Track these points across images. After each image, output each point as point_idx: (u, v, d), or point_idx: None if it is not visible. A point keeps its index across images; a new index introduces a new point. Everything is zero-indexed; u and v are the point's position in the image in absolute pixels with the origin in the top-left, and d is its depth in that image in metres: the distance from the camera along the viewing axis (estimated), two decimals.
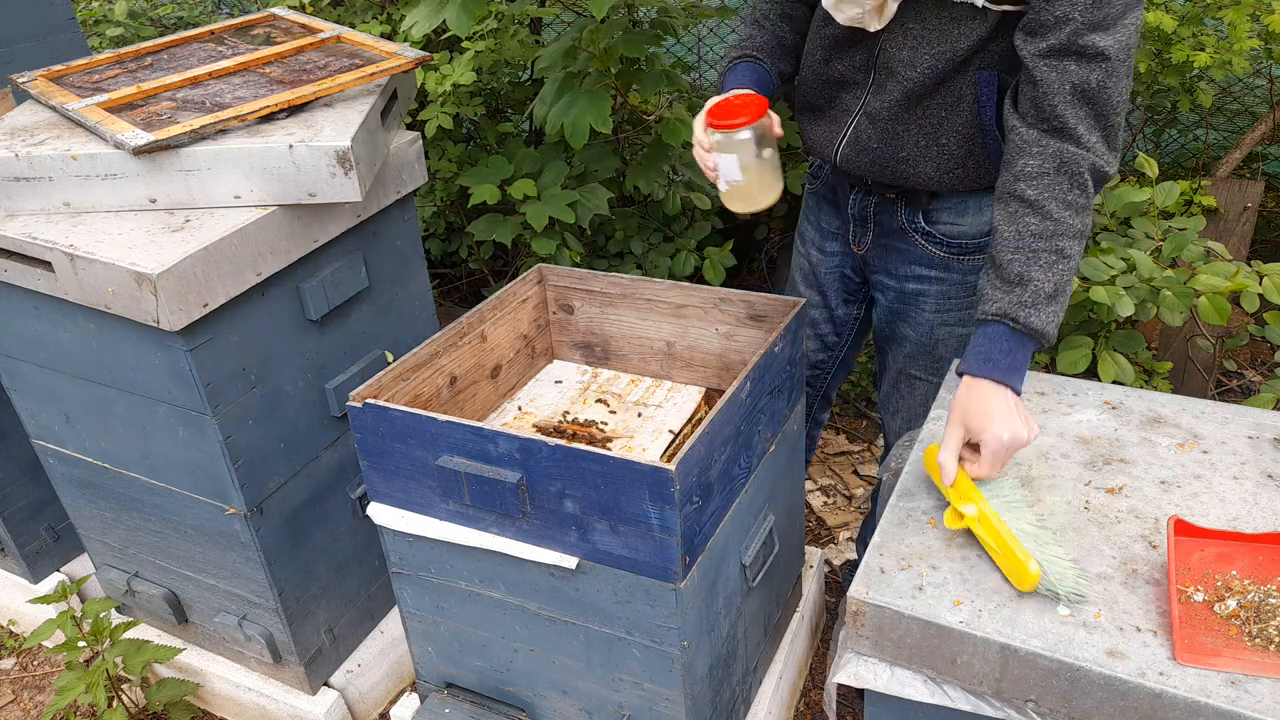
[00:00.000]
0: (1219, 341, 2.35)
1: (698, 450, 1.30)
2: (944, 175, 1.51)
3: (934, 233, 1.60)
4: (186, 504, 1.75)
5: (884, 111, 1.50)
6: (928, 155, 1.50)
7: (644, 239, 2.76)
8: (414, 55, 1.84)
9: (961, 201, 1.56)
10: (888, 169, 1.54)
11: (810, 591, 2.04)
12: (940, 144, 1.48)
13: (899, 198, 1.61)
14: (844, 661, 1.19)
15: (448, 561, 1.53)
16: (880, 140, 1.52)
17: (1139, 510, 1.26)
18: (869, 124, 1.53)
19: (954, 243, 1.59)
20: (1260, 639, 1.05)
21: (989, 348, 1.30)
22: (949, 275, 1.62)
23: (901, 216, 1.62)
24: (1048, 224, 1.29)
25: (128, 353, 1.58)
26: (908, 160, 1.52)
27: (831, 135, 1.60)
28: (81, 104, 1.68)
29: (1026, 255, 1.30)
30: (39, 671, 2.29)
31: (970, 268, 1.61)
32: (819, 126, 1.64)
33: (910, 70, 1.44)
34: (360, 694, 2.00)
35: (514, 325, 1.86)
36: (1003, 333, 1.30)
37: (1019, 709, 1.10)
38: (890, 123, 1.50)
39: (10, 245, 1.56)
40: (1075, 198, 1.30)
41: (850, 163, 1.58)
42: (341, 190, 1.58)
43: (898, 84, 1.46)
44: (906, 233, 1.62)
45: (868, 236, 1.69)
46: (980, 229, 1.57)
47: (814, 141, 1.66)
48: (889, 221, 1.64)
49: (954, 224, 1.58)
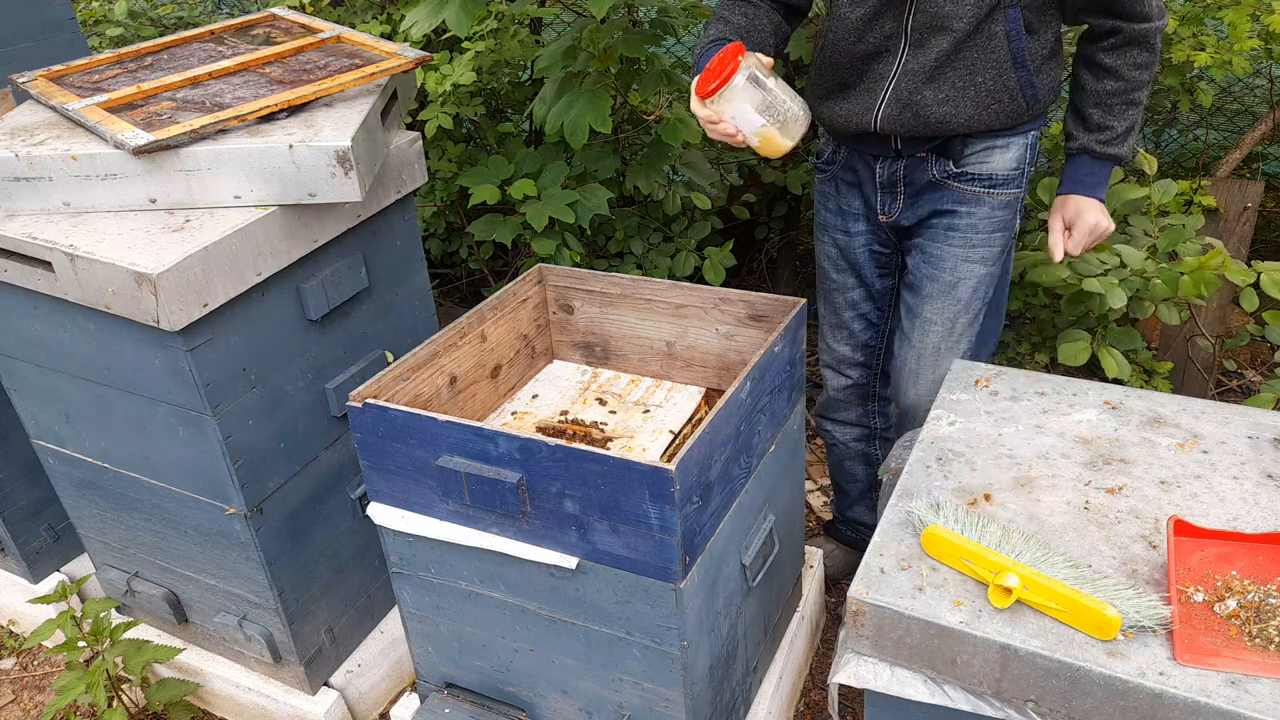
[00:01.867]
0: (1219, 341, 2.35)
1: (698, 450, 1.30)
2: (981, 113, 1.64)
3: (965, 172, 1.72)
4: (186, 504, 1.75)
5: (926, 66, 1.61)
6: (966, 96, 1.63)
7: (644, 239, 2.75)
8: (414, 55, 1.84)
9: (989, 144, 1.70)
10: (930, 119, 1.65)
11: (810, 591, 2.04)
12: (977, 84, 1.62)
13: (929, 153, 1.72)
14: (844, 661, 1.19)
15: (448, 561, 1.53)
16: (923, 92, 1.64)
17: (1139, 510, 1.26)
18: (910, 81, 1.64)
19: (985, 178, 1.72)
20: (1260, 639, 1.05)
21: (1076, 173, 1.71)
22: (978, 209, 1.74)
23: (933, 170, 1.74)
24: (1121, 84, 1.63)
25: (128, 353, 1.58)
26: (950, 103, 1.63)
27: (867, 105, 1.69)
28: (81, 104, 1.68)
29: (1104, 109, 1.65)
30: (39, 671, 2.29)
31: (1000, 202, 1.74)
32: (847, 103, 1.72)
33: (956, 21, 1.56)
34: (360, 694, 2.00)
35: (514, 325, 1.86)
36: (1086, 161, 1.69)
37: (1019, 709, 1.10)
38: (933, 73, 1.62)
39: (10, 245, 1.56)
40: (1146, 59, 1.62)
41: (893, 123, 1.67)
42: (341, 190, 1.58)
43: (944, 37, 1.58)
44: (938, 183, 1.74)
45: (898, 201, 1.80)
46: (1007, 165, 1.72)
47: (843, 117, 1.73)
48: (920, 177, 1.75)
49: (984, 163, 1.71)
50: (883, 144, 1.75)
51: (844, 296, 1.98)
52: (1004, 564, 1.14)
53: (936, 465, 1.38)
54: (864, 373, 2.06)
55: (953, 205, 1.75)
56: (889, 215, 1.82)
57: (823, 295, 2.03)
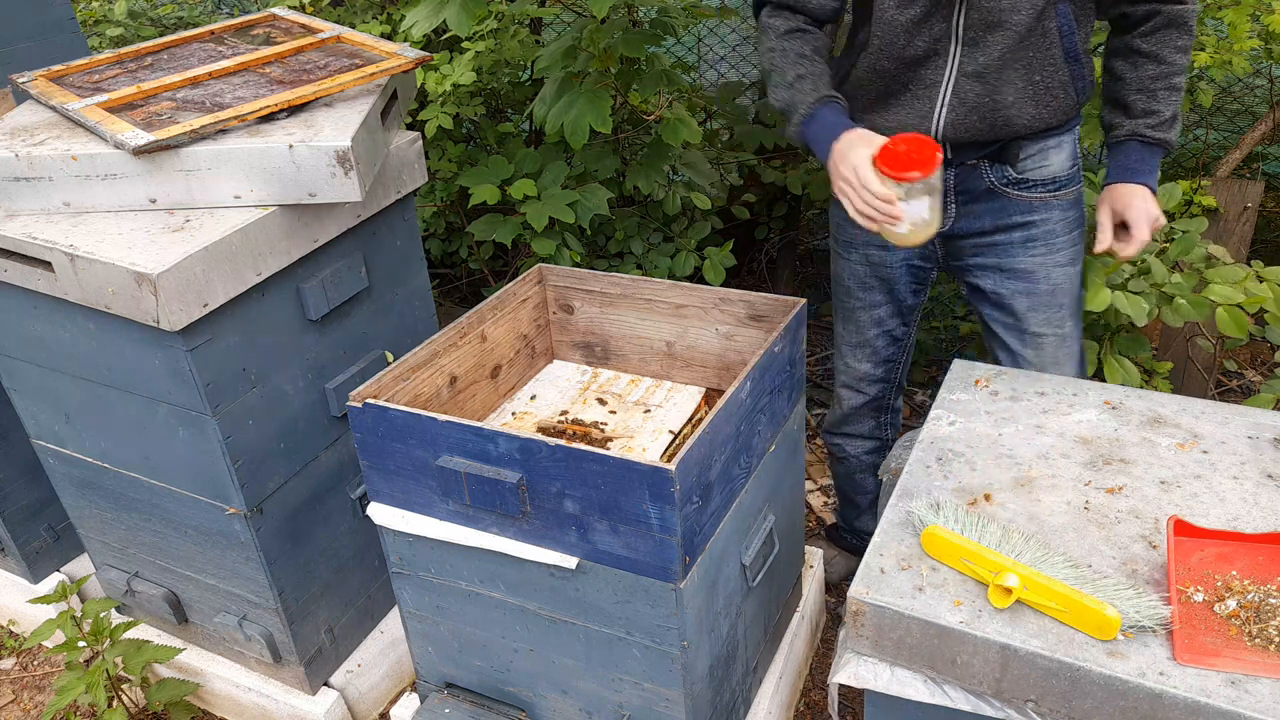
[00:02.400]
0: (1219, 341, 2.35)
1: (698, 450, 1.30)
2: (1042, 111, 1.61)
3: (1025, 178, 1.68)
4: (186, 504, 1.75)
5: (988, 65, 1.56)
6: (1026, 95, 1.59)
7: (644, 239, 2.75)
8: (414, 55, 1.84)
9: (1043, 146, 1.66)
10: (997, 120, 1.61)
11: (810, 591, 2.04)
12: (1035, 81, 1.58)
13: (983, 160, 1.68)
14: (844, 661, 1.19)
15: (448, 561, 1.53)
16: (985, 94, 1.59)
17: (1139, 510, 1.26)
18: (970, 83, 1.59)
19: (1047, 183, 1.69)
20: (1260, 639, 1.05)
21: (1125, 160, 1.65)
22: (1050, 214, 1.70)
23: (989, 177, 1.69)
24: (1163, 67, 1.60)
25: (128, 353, 1.58)
26: (1013, 104, 1.59)
27: (922, 111, 1.64)
28: (81, 104, 1.68)
29: (1148, 94, 1.61)
30: (39, 671, 2.29)
31: (1067, 202, 1.71)
32: (898, 111, 1.67)
33: (1015, 15, 1.51)
34: (360, 694, 2.00)
35: (514, 325, 1.86)
36: (1134, 147, 1.64)
37: (1019, 709, 1.10)
38: (994, 74, 1.57)
39: (10, 245, 1.56)
40: (1185, 41, 1.59)
41: (955, 129, 1.62)
42: (341, 190, 1.58)
43: (1004, 34, 1.53)
44: (996, 191, 1.70)
45: (949, 211, 1.74)
46: (1063, 165, 1.69)
47: (895, 128, 1.65)
48: (975, 185, 1.71)
49: (1041, 167, 1.67)
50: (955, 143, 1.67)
51: (870, 314, 1.91)
52: (1004, 564, 1.14)
53: (936, 465, 1.38)
54: (882, 387, 2.01)
55: (1023, 216, 1.70)
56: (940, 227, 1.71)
57: (843, 313, 1.96)
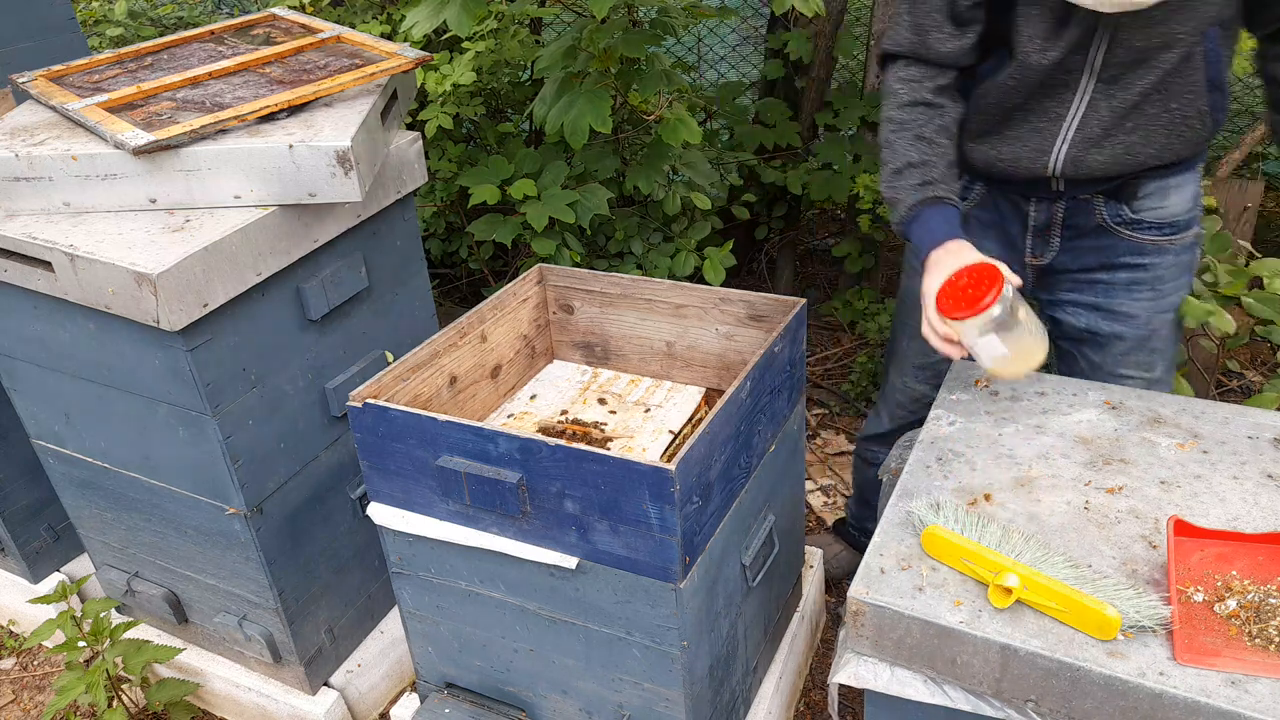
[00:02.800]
0: (1220, 342, 2.34)
1: (698, 450, 1.29)
2: (1173, 141, 1.50)
3: (1141, 219, 1.58)
4: (186, 504, 1.75)
5: (1125, 103, 1.46)
6: (1159, 124, 1.48)
7: (644, 239, 2.75)
8: (414, 55, 1.84)
9: (1164, 185, 1.56)
10: (1119, 154, 1.50)
11: (810, 591, 2.04)
12: (1171, 110, 1.47)
13: (1097, 195, 1.58)
14: (844, 661, 1.19)
15: (448, 561, 1.53)
16: (1113, 128, 1.49)
17: (1139, 510, 1.26)
18: (1100, 118, 1.48)
19: (1165, 224, 1.58)
20: (1260, 639, 1.05)
21: None
22: (1162, 258, 1.61)
23: (1102, 213, 1.59)
24: None
25: (128, 353, 1.58)
26: (1142, 136, 1.48)
27: (1039, 146, 1.54)
28: (81, 104, 1.68)
29: None
30: (39, 671, 2.29)
31: (1181, 247, 1.61)
32: (1012, 145, 1.57)
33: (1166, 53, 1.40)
34: (360, 694, 2.00)
35: (514, 325, 1.86)
36: None
37: (1019, 709, 1.10)
38: (1130, 110, 1.47)
39: (10, 245, 1.56)
40: None
41: (1075, 165, 1.53)
42: (341, 190, 1.58)
43: (1150, 70, 1.42)
44: (1108, 229, 1.60)
45: (1051, 245, 1.66)
46: (1183, 207, 1.58)
47: (1008, 161, 1.58)
48: (1085, 221, 1.61)
49: (1160, 207, 1.57)
50: (1042, 184, 1.59)
51: None
52: (1004, 564, 1.14)
53: (936, 465, 1.38)
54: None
55: (1132, 258, 1.60)
56: (1040, 258, 1.68)
57: (911, 331, 1.84)
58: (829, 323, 3.44)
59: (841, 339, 3.35)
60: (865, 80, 3.25)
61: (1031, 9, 1.43)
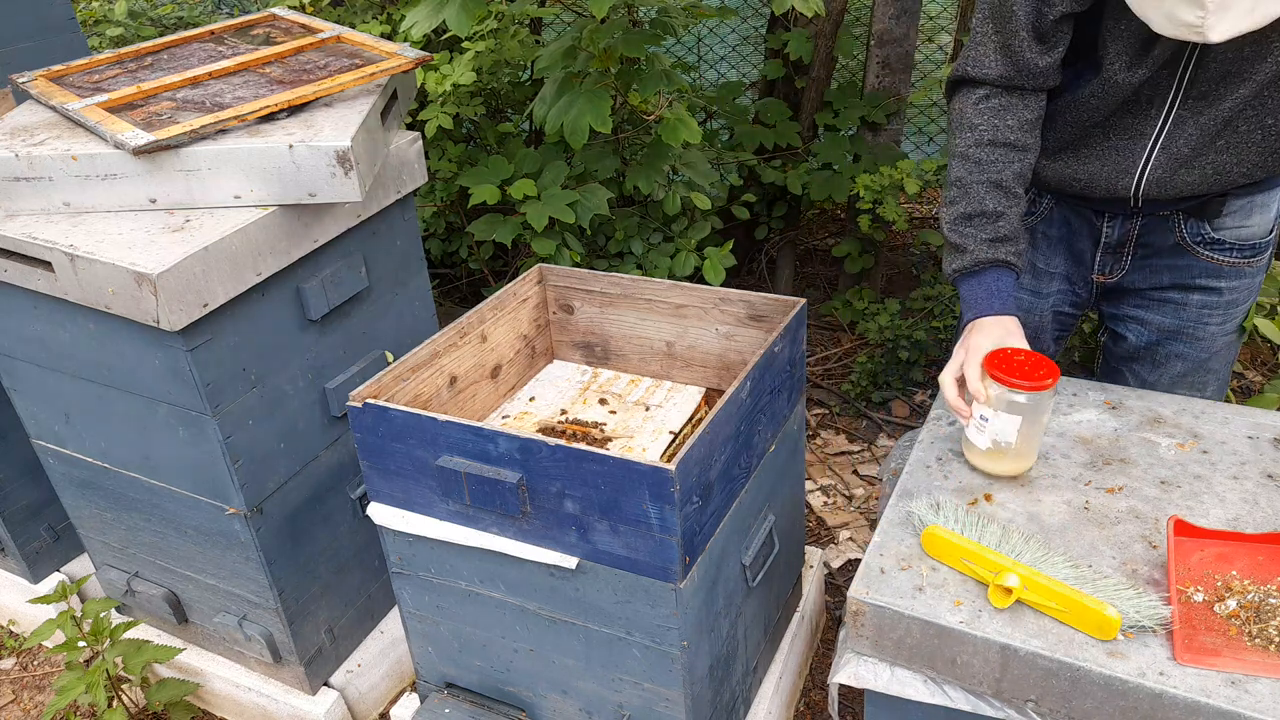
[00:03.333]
0: None
1: (698, 450, 1.29)
2: (1268, 159, 1.41)
3: (1221, 240, 1.50)
4: (186, 504, 1.75)
5: (1216, 120, 1.37)
6: (1252, 141, 1.39)
7: (644, 239, 2.75)
8: (414, 55, 1.84)
9: (1249, 203, 1.48)
10: (1209, 173, 1.42)
11: (810, 592, 2.04)
12: (1267, 125, 1.37)
13: (1177, 213, 1.50)
14: (844, 661, 1.19)
15: (448, 561, 1.53)
16: (1203, 147, 1.40)
17: (1139, 510, 1.26)
18: (1190, 137, 1.39)
19: (1245, 245, 1.51)
20: (1260, 639, 1.05)
21: None
22: (1238, 281, 1.53)
23: (1181, 231, 1.51)
24: None
25: (128, 353, 1.58)
26: (1232, 150, 1.40)
27: (1123, 166, 1.45)
28: (81, 104, 1.68)
29: None
30: (39, 671, 2.29)
31: (1257, 269, 1.54)
32: (1091, 163, 1.48)
33: (1260, 64, 1.30)
34: (360, 694, 2.00)
35: (514, 325, 1.86)
36: None
37: (1019, 709, 1.10)
38: (1222, 127, 1.38)
39: (10, 245, 1.56)
40: None
41: (1160, 187, 1.44)
42: (341, 190, 1.58)
43: (1243, 85, 1.33)
44: (1185, 248, 1.52)
45: (1123, 262, 1.59)
46: (1265, 227, 1.50)
47: (1086, 179, 1.50)
48: (1161, 240, 1.53)
49: (1242, 226, 1.49)
50: (1119, 201, 1.51)
51: None
52: (1004, 564, 1.14)
53: (936, 465, 1.38)
54: None
55: (1208, 279, 1.53)
56: (1109, 276, 1.61)
57: None
58: (829, 323, 3.44)
59: (841, 339, 3.35)
60: (865, 80, 3.25)
61: (1120, 24, 1.34)
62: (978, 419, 1.32)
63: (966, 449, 1.37)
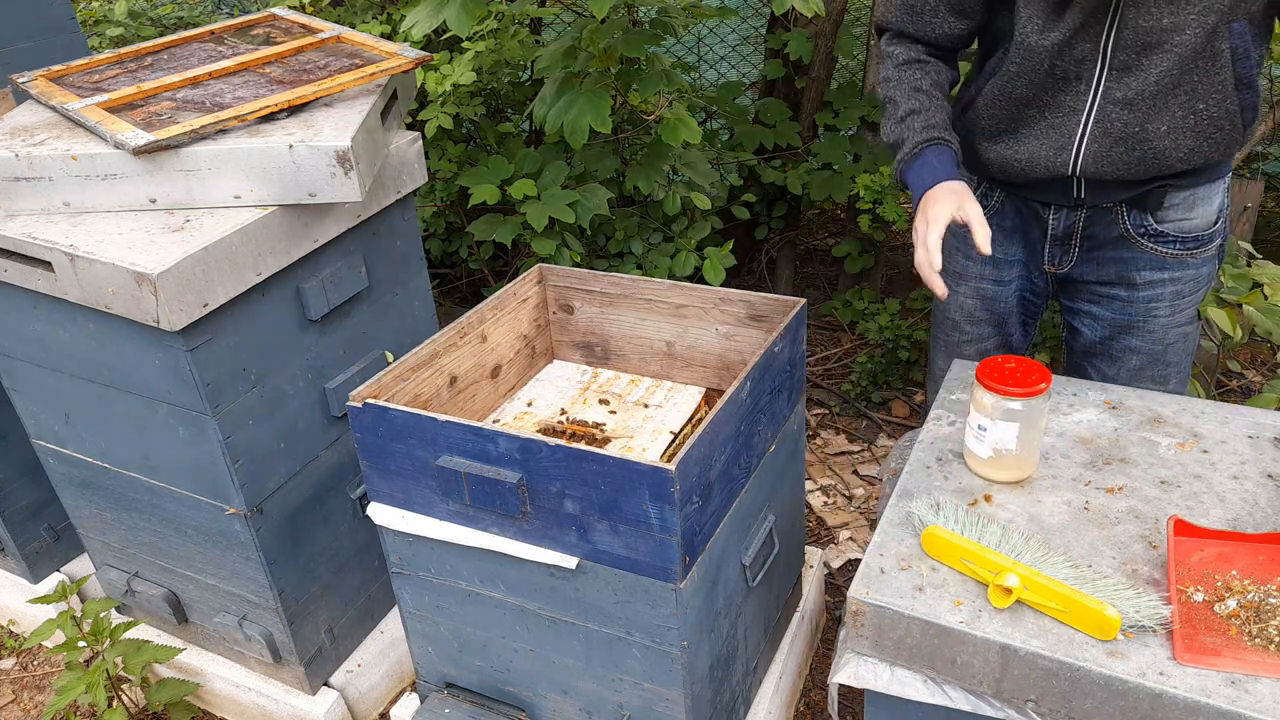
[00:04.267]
0: (1220, 342, 2.35)
1: (698, 450, 1.29)
2: (1202, 144, 1.44)
3: (1165, 232, 1.54)
4: (186, 504, 1.75)
5: (1142, 92, 1.40)
6: (1185, 125, 1.42)
7: (644, 239, 2.75)
8: (414, 55, 1.84)
9: (1191, 195, 1.51)
10: (1144, 155, 1.45)
11: (810, 592, 2.04)
12: (1198, 110, 1.41)
13: (1120, 205, 1.54)
14: (844, 661, 1.19)
15: (448, 561, 1.53)
16: (1135, 123, 1.43)
17: (1139, 510, 1.26)
18: (1118, 111, 1.43)
19: (1188, 237, 1.54)
20: (1260, 639, 1.05)
21: None
22: (1184, 272, 1.57)
23: (1125, 223, 1.55)
24: None
25: (128, 353, 1.58)
26: (1168, 135, 1.43)
27: (1058, 143, 1.49)
28: (81, 104, 1.68)
29: None
30: (39, 671, 2.29)
31: (1203, 259, 1.57)
32: (1028, 142, 1.53)
33: (1179, 35, 1.35)
34: (360, 694, 2.00)
35: (514, 325, 1.86)
36: None
37: (1019, 709, 1.10)
38: (1148, 101, 1.41)
39: (10, 245, 1.56)
40: None
41: (1097, 162, 1.47)
42: (341, 190, 1.58)
43: (1164, 56, 1.37)
44: (1130, 239, 1.56)
45: (1070, 254, 1.63)
46: (1209, 219, 1.54)
47: (1025, 160, 1.54)
48: (1105, 232, 1.57)
49: (1185, 219, 1.53)
50: (1061, 191, 1.55)
51: (976, 348, 1.79)
52: (1004, 564, 1.14)
53: (936, 465, 1.38)
54: None
55: (1153, 272, 1.56)
56: (1059, 268, 1.65)
57: (946, 347, 1.83)
58: (829, 323, 3.44)
59: (841, 339, 3.35)
60: (865, 80, 3.25)
61: None
62: (976, 429, 1.32)
63: (968, 457, 1.37)
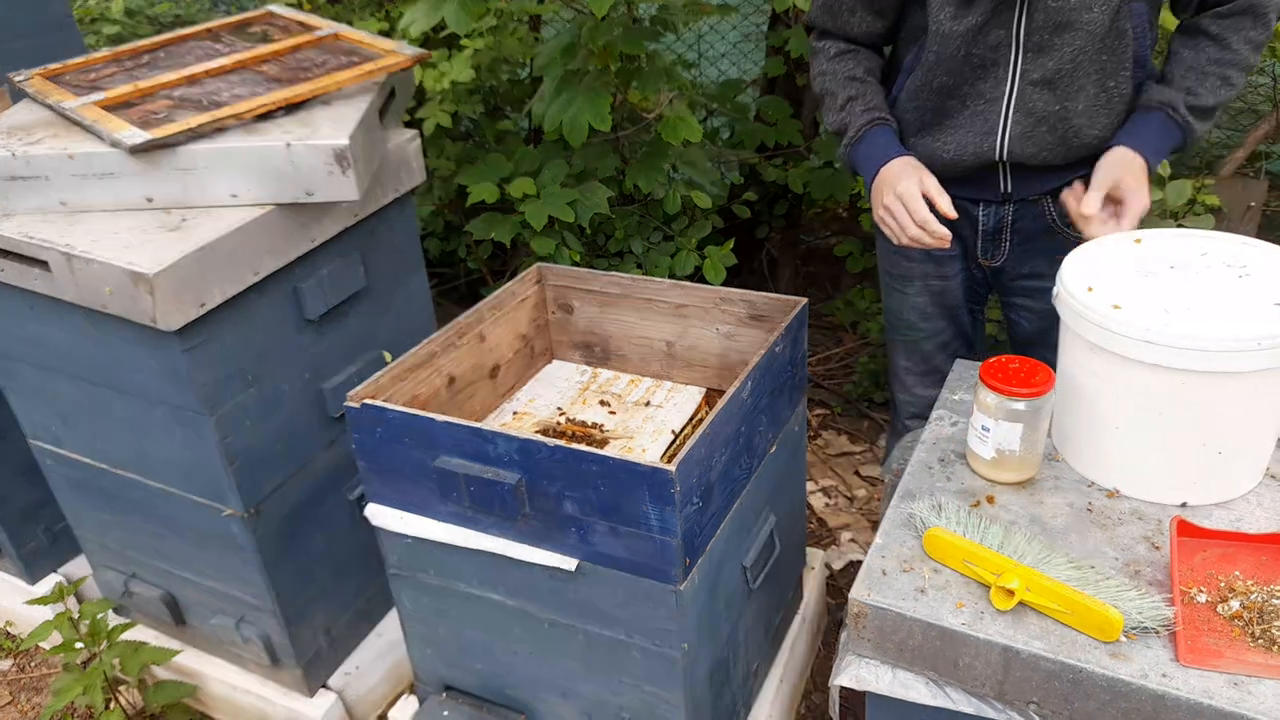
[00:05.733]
0: None
1: (698, 451, 1.29)
2: (1114, 121, 1.51)
3: None
4: (183, 505, 1.74)
5: (1057, 71, 1.46)
6: (1099, 103, 1.49)
7: (644, 238, 2.75)
8: (412, 53, 1.83)
9: None
10: (1064, 134, 1.50)
11: (811, 594, 2.03)
12: (1109, 88, 1.48)
13: (1045, 197, 1.59)
14: (845, 664, 1.19)
15: (446, 563, 1.52)
16: (1054, 102, 1.48)
17: (1141, 511, 1.25)
18: (1037, 92, 1.48)
19: None
20: (1263, 640, 1.04)
21: (1144, 130, 1.48)
22: None
23: (1051, 215, 1.60)
24: (1225, 54, 1.46)
25: (124, 353, 1.57)
26: (1084, 113, 1.49)
27: (983, 129, 1.54)
28: (78, 102, 1.67)
29: (1198, 75, 1.47)
30: (36, 673, 2.29)
31: None
32: (955, 132, 1.57)
33: (1087, 14, 1.41)
34: (358, 696, 2.00)
35: (513, 325, 1.85)
36: (1159, 119, 1.48)
37: (1021, 711, 1.09)
38: (1065, 80, 1.47)
39: (7, 245, 1.55)
40: (1257, 36, 1.46)
41: (1022, 143, 1.52)
42: (339, 189, 1.57)
43: (1076, 34, 1.43)
44: (1057, 231, 1.61)
45: (1002, 249, 1.68)
46: None
47: (954, 149, 1.57)
48: (1033, 225, 1.63)
49: None
50: (990, 187, 1.61)
51: (934, 341, 1.84)
52: (1006, 565, 1.13)
53: (939, 466, 1.37)
54: None
55: None
56: (993, 261, 1.70)
57: (904, 345, 1.88)
58: (830, 322, 3.43)
59: (843, 339, 3.35)
60: None
61: None
62: (979, 429, 1.32)
63: (971, 458, 1.36)
